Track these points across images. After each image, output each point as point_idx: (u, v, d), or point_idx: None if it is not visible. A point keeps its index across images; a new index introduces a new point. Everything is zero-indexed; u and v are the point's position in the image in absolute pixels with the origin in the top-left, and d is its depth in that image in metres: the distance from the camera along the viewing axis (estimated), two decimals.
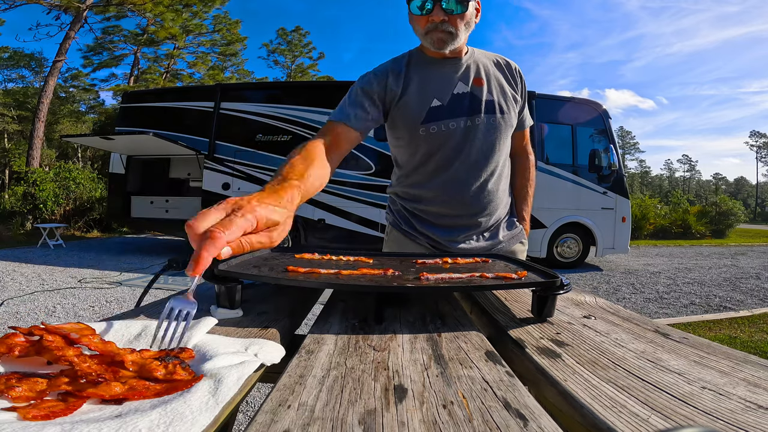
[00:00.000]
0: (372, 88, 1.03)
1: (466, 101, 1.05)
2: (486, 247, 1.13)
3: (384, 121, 1.09)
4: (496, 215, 1.13)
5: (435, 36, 0.97)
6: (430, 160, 1.08)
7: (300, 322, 0.70)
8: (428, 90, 1.04)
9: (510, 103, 1.09)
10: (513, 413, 0.33)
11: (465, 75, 1.06)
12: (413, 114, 1.04)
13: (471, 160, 1.06)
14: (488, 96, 1.06)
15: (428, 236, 1.13)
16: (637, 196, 23.17)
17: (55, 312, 3.85)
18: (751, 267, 7.60)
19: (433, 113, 1.03)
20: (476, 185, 1.07)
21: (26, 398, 0.32)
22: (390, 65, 1.07)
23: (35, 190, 10.82)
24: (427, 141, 1.06)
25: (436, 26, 0.96)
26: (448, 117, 1.04)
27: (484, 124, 1.05)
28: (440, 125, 1.04)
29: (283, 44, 27.04)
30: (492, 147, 1.07)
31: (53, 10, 15.21)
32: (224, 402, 0.33)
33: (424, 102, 1.04)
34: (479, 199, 1.09)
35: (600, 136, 6.96)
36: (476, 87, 1.06)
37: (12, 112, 20.70)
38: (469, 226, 1.11)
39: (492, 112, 1.06)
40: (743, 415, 0.33)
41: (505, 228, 1.17)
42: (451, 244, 1.11)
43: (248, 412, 1.95)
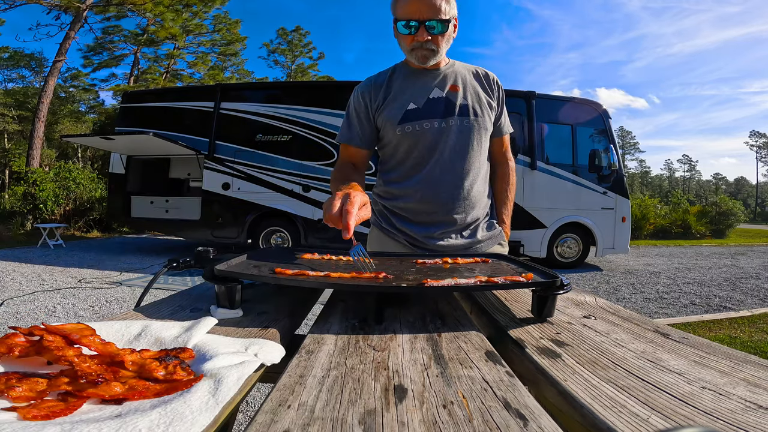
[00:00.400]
0: (360, 106, 1.17)
1: (441, 105, 1.13)
2: (464, 245, 1.16)
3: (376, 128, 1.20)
4: (472, 214, 1.16)
5: (419, 53, 1.07)
6: (407, 159, 1.15)
7: (300, 322, 0.70)
8: (406, 95, 1.14)
9: (485, 108, 1.16)
10: (513, 413, 0.33)
11: (442, 82, 1.15)
12: (391, 116, 1.13)
13: (445, 159, 1.12)
14: (462, 101, 1.14)
15: (406, 233, 1.18)
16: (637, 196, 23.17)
17: (55, 312, 3.85)
18: (751, 267, 7.60)
19: (409, 114, 1.12)
20: (450, 183, 1.13)
21: (26, 398, 0.32)
22: (374, 79, 1.18)
23: (35, 190, 10.82)
24: (403, 140, 1.14)
25: (421, 45, 1.05)
26: (423, 118, 1.12)
27: (458, 125, 1.12)
28: (415, 125, 1.12)
29: (284, 44, 27.03)
30: (465, 147, 1.13)
31: (53, 10, 15.20)
32: (224, 402, 0.33)
33: (402, 105, 1.13)
34: (454, 196, 1.13)
35: (600, 136, 6.95)
36: (451, 92, 1.14)
37: (12, 112, 20.70)
38: (445, 223, 1.15)
39: (465, 114, 1.13)
40: (743, 415, 0.33)
41: (484, 229, 1.20)
42: (428, 241, 1.15)
43: (248, 412, 1.95)
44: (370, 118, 1.17)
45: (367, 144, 1.18)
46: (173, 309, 0.65)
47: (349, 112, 1.19)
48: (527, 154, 6.72)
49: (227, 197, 7.11)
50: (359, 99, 1.17)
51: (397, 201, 1.19)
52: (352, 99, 1.19)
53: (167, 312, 0.63)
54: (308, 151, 6.98)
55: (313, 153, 6.96)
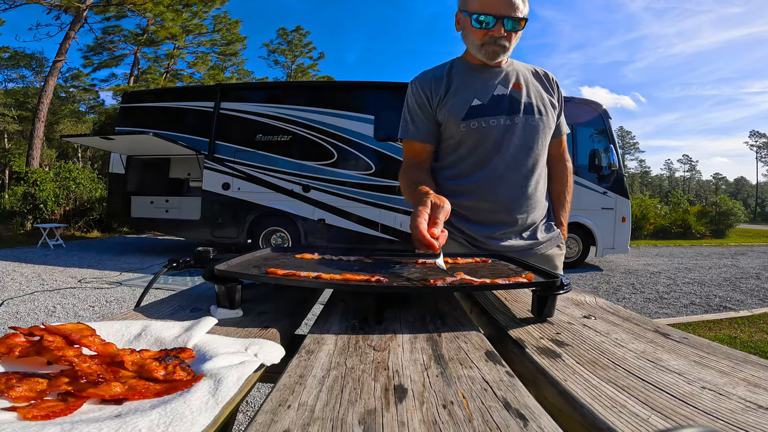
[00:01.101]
0: (422, 99, 1.13)
1: (506, 102, 1.10)
2: (524, 246, 1.14)
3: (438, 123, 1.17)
4: (533, 215, 1.14)
5: (490, 49, 1.04)
6: (470, 156, 1.12)
7: (300, 322, 0.70)
8: (469, 90, 1.10)
9: (548, 107, 1.14)
10: (513, 413, 0.33)
11: (505, 79, 1.12)
12: (455, 111, 1.10)
13: (509, 157, 1.10)
14: (527, 99, 1.11)
15: (465, 232, 1.15)
16: (637, 196, 23.17)
17: (55, 312, 3.85)
18: (751, 267, 7.60)
19: (474, 110, 1.09)
20: (514, 182, 1.11)
21: (26, 398, 0.32)
22: (432, 73, 1.15)
23: (35, 190, 10.82)
24: (468, 136, 1.11)
25: (495, 41, 1.03)
26: (489, 114, 1.09)
27: (523, 123, 1.10)
28: (480, 121, 1.09)
29: (284, 44, 27.03)
30: (530, 146, 1.11)
31: (53, 10, 15.20)
32: (224, 402, 0.33)
33: (466, 101, 1.10)
34: (517, 195, 1.11)
35: (600, 136, 6.95)
36: (515, 90, 1.11)
37: (12, 112, 20.69)
38: (506, 223, 1.12)
39: (530, 113, 1.11)
40: (743, 415, 0.33)
41: (544, 230, 1.19)
42: (488, 241, 1.13)
43: (248, 412, 1.95)
44: (432, 112, 1.13)
45: (432, 138, 1.14)
46: (173, 309, 0.65)
47: (409, 106, 1.15)
48: None
49: (227, 197, 7.11)
50: (419, 92, 1.13)
51: (457, 198, 1.12)
52: (410, 92, 1.15)
53: (167, 312, 0.63)
54: (308, 151, 6.98)
55: (313, 153, 6.97)
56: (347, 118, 6.94)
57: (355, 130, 6.90)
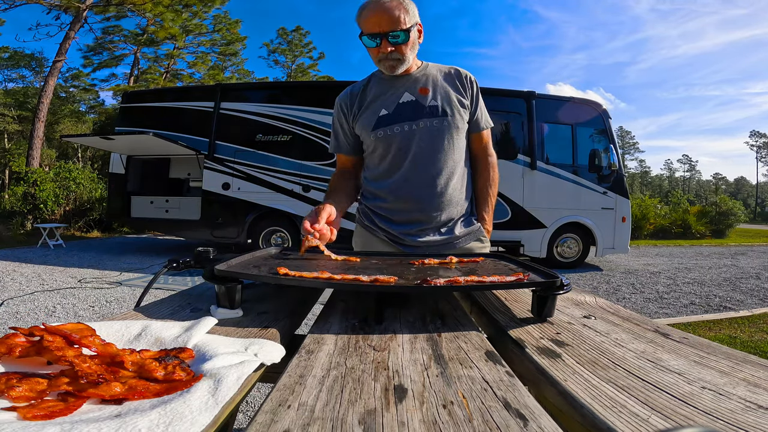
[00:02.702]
0: (341, 117, 1.26)
1: (410, 108, 1.18)
2: (441, 241, 1.20)
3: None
4: (448, 212, 1.20)
5: (386, 63, 1.11)
6: (382, 162, 1.21)
7: (300, 322, 0.70)
8: (378, 102, 1.20)
9: (455, 107, 1.18)
10: (513, 413, 0.33)
11: (412, 86, 1.19)
12: (366, 123, 1.20)
13: (417, 160, 1.17)
14: (432, 102, 1.17)
15: (386, 231, 1.23)
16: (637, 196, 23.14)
17: (55, 312, 3.85)
18: (751, 267, 7.59)
19: (381, 120, 1.18)
20: (423, 183, 1.17)
21: (26, 398, 0.32)
22: (350, 90, 1.26)
23: (35, 190, 10.82)
24: (378, 145, 1.20)
25: (387, 56, 1.10)
26: (393, 122, 1.17)
27: (428, 126, 1.16)
28: (386, 130, 1.18)
29: (284, 44, 27.02)
30: (437, 147, 1.17)
31: (53, 10, 15.19)
32: (224, 402, 0.33)
33: (374, 112, 1.19)
34: (428, 195, 1.17)
35: (600, 136, 6.95)
36: (421, 95, 1.18)
37: (12, 112, 20.69)
38: (421, 221, 1.19)
39: (435, 115, 1.17)
40: (743, 415, 0.33)
41: (462, 225, 1.23)
42: (406, 237, 1.20)
43: (248, 412, 1.95)
44: (350, 127, 1.24)
45: (352, 151, 1.28)
46: (173, 309, 0.65)
47: (333, 123, 1.29)
48: (527, 154, 6.72)
49: (227, 197, 7.10)
50: (338, 110, 1.26)
51: (376, 201, 1.25)
52: (334, 111, 1.27)
53: (167, 312, 0.63)
54: (308, 151, 6.97)
55: (313, 153, 6.96)
56: None
57: None
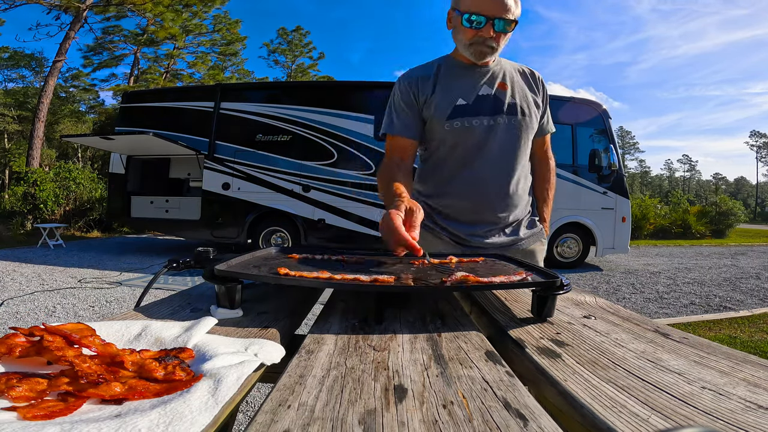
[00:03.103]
0: (408, 96, 1.13)
1: (490, 102, 1.11)
2: (507, 242, 1.17)
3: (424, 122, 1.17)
4: (516, 213, 1.17)
5: (478, 49, 1.04)
6: (453, 156, 1.14)
7: (300, 322, 0.70)
8: (454, 91, 1.11)
9: (532, 107, 1.14)
10: (513, 413, 0.33)
11: (490, 80, 1.13)
12: (439, 111, 1.11)
13: (492, 158, 1.11)
14: (511, 99, 1.12)
15: (450, 231, 1.17)
16: (637, 196, 23.15)
17: (55, 312, 3.85)
18: (751, 267, 7.59)
19: (458, 110, 1.10)
20: (497, 182, 1.13)
21: (26, 398, 0.32)
22: (419, 72, 1.15)
23: (35, 190, 10.81)
24: (450, 136, 1.12)
25: (483, 41, 1.03)
26: (472, 115, 1.10)
27: (506, 124, 1.11)
28: (463, 121, 1.10)
29: (284, 44, 27.03)
30: (513, 146, 1.12)
31: (53, 10, 15.19)
32: (224, 402, 0.33)
33: (450, 100, 1.11)
34: (500, 196, 1.13)
35: (600, 136, 6.95)
36: (500, 90, 1.12)
37: (12, 112, 20.68)
38: (490, 222, 1.15)
39: (513, 113, 1.12)
40: (743, 415, 0.33)
41: (526, 227, 1.21)
42: (472, 238, 1.15)
43: (248, 412, 1.95)
44: (418, 109, 1.14)
45: (415, 134, 1.14)
46: (173, 309, 0.65)
47: (394, 103, 1.16)
48: None
49: (227, 197, 7.10)
50: (406, 89, 1.14)
51: (441, 198, 1.17)
52: (397, 90, 1.16)
53: (167, 312, 0.63)
54: (308, 151, 6.98)
55: (313, 153, 6.96)
56: (347, 118, 6.93)
57: (355, 130, 6.90)
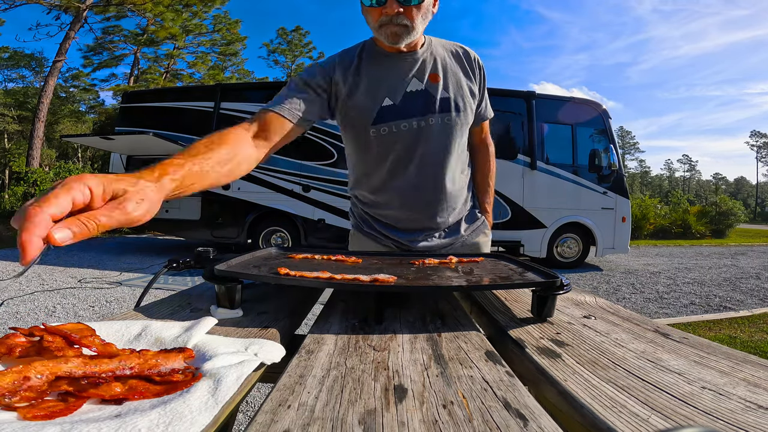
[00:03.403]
0: (315, 79, 0.96)
1: (420, 100, 0.99)
2: (447, 243, 1.12)
3: (331, 118, 1.03)
4: (455, 213, 1.11)
5: (389, 30, 0.90)
6: (382, 164, 1.03)
7: (300, 322, 0.70)
8: (380, 88, 0.98)
9: (467, 99, 1.04)
10: (513, 413, 0.33)
11: (420, 71, 1.00)
12: (363, 114, 0.98)
13: (424, 163, 1.02)
14: (444, 93, 1.01)
15: (392, 239, 1.12)
16: (637, 196, 23.16)
17: (55, 312, 3.85)
18: (751, 267, 7.59)
19: (384, 113, 0.98)
20: (432, 188, 1.05)
21: (26, 398, 0.32)
22: (338, 58, 1.01)
23: (35, 190, 10.82)
24: (378, 143, 1.01)
25: (391, 19, 0.88)
26: (400, 117, 0.99)
27: (438, 123, 1.00)
28: (391, 126, 0.99)
29: (284, 44, 27.05)
30: (446, 147, 1.03)
31: (53, 10, 15.20)
32: (223, 401, 0.33)
33: (375, 101, 0.98)
34: (436, 200, 1.06)
35: (600, 136, 6.95)
36: (431, 84, 1.00)
37: (12, 112, 20.69)
38: (429, 227, 1.10)
39: (447, 110, 1.01)
40: (743, 415, 0.33)
41: (465, 222, 1.15)
42: (411, 243, 1.10)
43: (248, 412, 1.95)
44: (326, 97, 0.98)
45: (304, 121, 0.93)
46: (173, 309, 0.65)
47: (294, 82, 0.97)
48: (527, 154, 6.72)
49: (227, 197, 7.11)
50: (316, 72, 0.97)
51: (377, 209, 1.12)
52: (305, 71, 0.99)
53: (167, 312, 0.63)
54: (308, 151, 6.98)
55: (313, 153, 6.96)
56: None
57: None
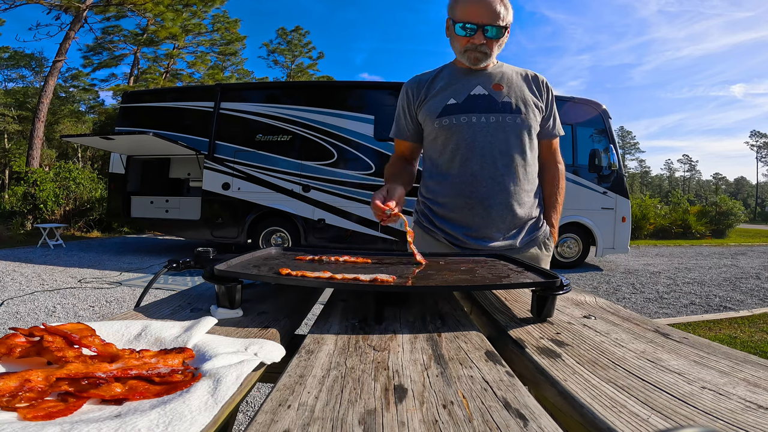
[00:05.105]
0: (404, 101, 1.23)
1: (482, 101, 1.13)
2: (505, 246, 1.13)
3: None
4: (515, 214, 1.13)
5: (472, 55, 1.10)
6: (444, 153, 1.16)
7: (300, 322, 0.70)
8: (448, 91, 1.16)
9: (530, 108, 1.14)
10: (513, 413, 0.33)
11: (485, 81, 1.16)
12: (431, 110, 1.16)
13: (484, 155, 1.11)
14: (506, 98, 1.14)
15: (446, 232, 1.16)
16: (637, 196, 23.15)
17: (55, 312, 3.85)
18: (751, 267, 7.59)
19: (448, 109, 1.14)
20: (491, 180, 1.11)
21: (26, 398, 0.32)
22: (420, 77, 1.23)
23: (35, 190, 10.82)
24: (441, 134, 1.15)
25: (475, 47, 1.08)
26: (461, 112, 1.13)
27: (498, 121, 1.12)
28: (451, 119, 1.13)
29: (283, 44, 27.03)
30: (507, 145, 1.12)
31: (53, 10, 15.19)
32: (223, 401, 0.33)
33: (442, 100, 1.15)
34: (493, 193, 1.11)
35: (600, 135, 6.95)
36: (495, 91, 1.14)
37: (12, 112, 20.69)
38: (485, 222, 1.12)
39: (507, 111, 1.12)
40: (743, 415, 0.33)
41: (528, 230, 1.17)
42: (468, 239, 1.13)
43: (248, 412, 1.95)
44: (414, 113, 1.21)
45: (412, 137, 1.24)
46: (173, 309, 0.65)
47: (398, 107, 1.25)
48: None
49: (227, 197, 7.11)
50: (404, 95, 1.22)
51: (436, 197, 1.18)
52: (401, 95, 1.24)
53: (167, 312, 0.63)
54: (308, 151, 6.98)
55: (313, 153, 6.96)
56: (347, 118, 6.94)
57: (355, 130, 6.90)
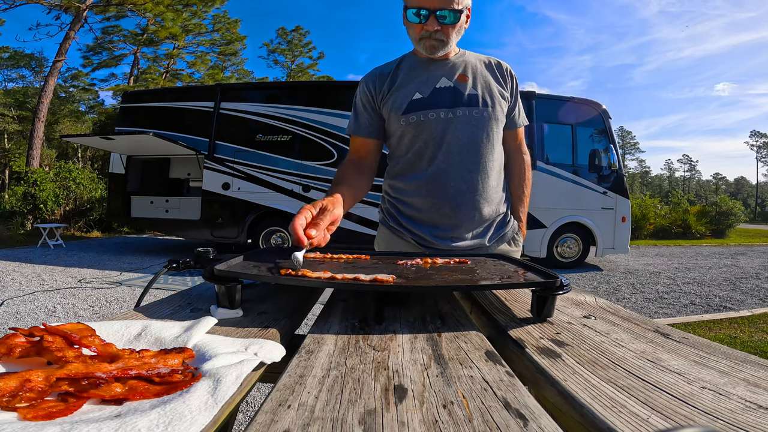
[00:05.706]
0: (366, 96, 1.14)
1: (448, 94, 1.08)
2: (473, 245, 1.10)
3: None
4: (484, 211, 1.10)
5: (428, 43, 1.03)
6: (411, 151, 1.11)
7: (300, 322, 0.70)
8: (411, 84, 1.09)
9: (496, 98, 1.10)
10: (513, 413, 0.33)
11: (450, 72, 1.10)
12: (396, 106, 1.09)
13: (452, 152, 1.07)
14: (471, 90, 1.08)
15: (412, 232, 1.12)
16: (637, 196, 23.14)
17: (55, 312, 3.85)
18: (751, 267, 7.59)
19: (414, 104, 1.08)
20: (459, 177, 1.07)
21: (26, 398, 0.32)
22: (380, 69, 1.15)
23: (35, 190, 10.82)
24: (407, 131, 1.10)
25: (430, 35, 1.01)
26: (428, 108, 1.07)
27: (465, 116, 1.07)
28: (419, 115, 1.07)
29: (283, 44, 27.03)
30: (474, 139, 1.07)
31: (53, 10, 15.19)
32: (223, 401, 0.33)
33: (407, 94, 1.09)
34: (462, 192, 1.07)
35: (600, 135, 6.95)
36: (460, 82, 1.09)
37: (12, 112, 20.69)
38: (454, 221, 1.08)
39: (474, 104, 1.08)
40: (743, 415, 0.33)
41: (496, 227, 1.14)
42: (436, 240, 1.09)
43: (248, 412, 1.95)
44: (376, 107, 1.14)
45: (374, 133, 1.15)
46: (173, 309, 0.65)
47: (355, 103, 1.17)
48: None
49: (227, 197, 7.11)
50: (364, 89, 1.14)
51: (402, 196, 1.14)
52: (358, 90, 1.16)
53: (167, 312, 0.63)
54: (308, 151, 6.98)
55: (313, 153, 6.97)
56: (347, 118, 6.93)
57: None
